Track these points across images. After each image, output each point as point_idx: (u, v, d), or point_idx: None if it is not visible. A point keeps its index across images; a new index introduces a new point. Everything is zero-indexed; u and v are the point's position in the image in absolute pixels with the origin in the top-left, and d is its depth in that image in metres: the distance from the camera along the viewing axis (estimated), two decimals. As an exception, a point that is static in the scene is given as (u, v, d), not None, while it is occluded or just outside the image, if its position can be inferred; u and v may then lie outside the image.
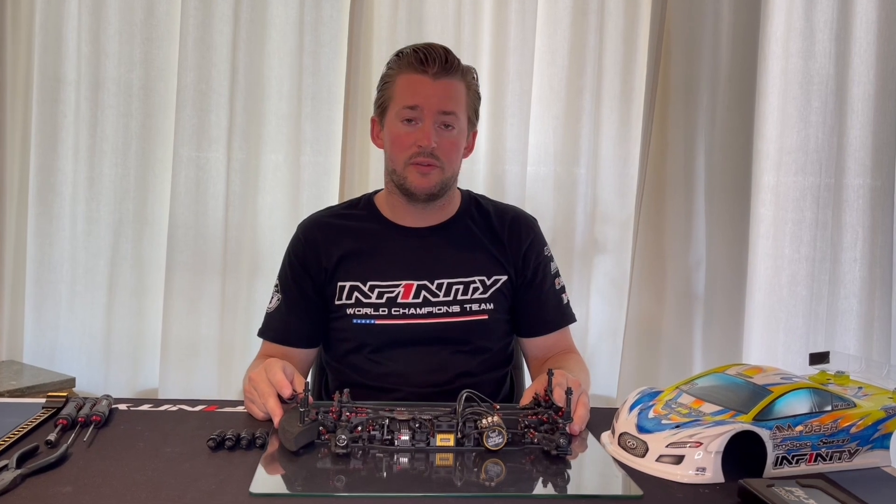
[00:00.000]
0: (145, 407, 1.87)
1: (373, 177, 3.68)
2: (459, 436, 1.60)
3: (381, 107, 2.23)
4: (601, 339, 3.94)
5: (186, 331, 3.72)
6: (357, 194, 2.60)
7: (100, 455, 1.51)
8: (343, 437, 1.52)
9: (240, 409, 1.87)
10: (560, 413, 1.66)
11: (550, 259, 2.37)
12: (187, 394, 3.63)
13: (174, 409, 1.86)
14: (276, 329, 2.29)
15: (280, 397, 1.75)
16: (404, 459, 1.54)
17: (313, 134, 3.73)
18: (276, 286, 2.33)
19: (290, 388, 1.76)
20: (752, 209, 3.75)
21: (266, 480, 1.41)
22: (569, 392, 1.64)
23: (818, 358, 1.86)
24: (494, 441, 1.57)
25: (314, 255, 2.27)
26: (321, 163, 3.75)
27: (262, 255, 3.73)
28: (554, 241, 3.70)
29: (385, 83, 2.22)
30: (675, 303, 3.83)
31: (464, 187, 2.41)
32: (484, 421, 1.60)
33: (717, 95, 3.75)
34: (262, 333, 2.32)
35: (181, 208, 3.66)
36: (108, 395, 1.83)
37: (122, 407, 1.85)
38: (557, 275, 2.38)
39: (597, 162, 3.85)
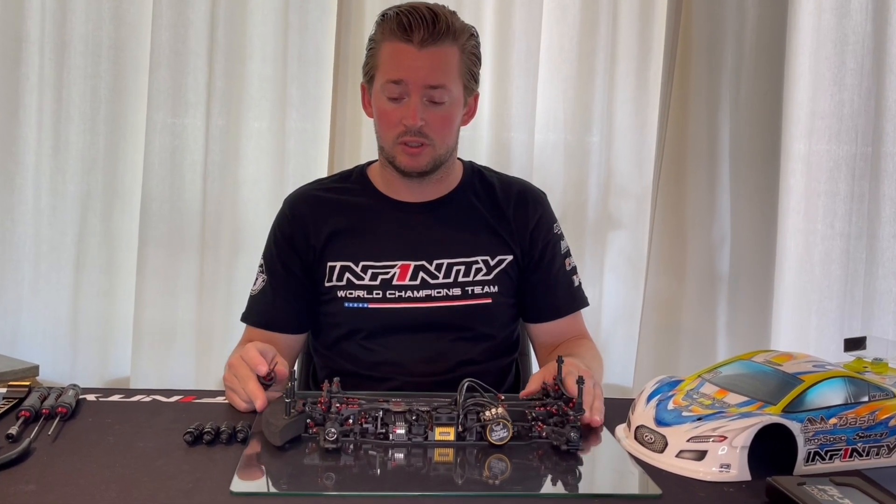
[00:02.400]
0: (116, 397, 1.87)
1: (365, 145, 3.66)
2: (460, 429, 1.59)
3: (369, 74, 2.21)
4: (616, 323, 3.94)
5: (161, 314, 3.70)
6: (348, 164, 2.60)
7: (66, 450, 1.51)
8: (333, 430, 1.52)
9: (219, 399, 1.87)
10: (571, 404, 1.65)
11: (561, 237, 2.36)
12: (162, 383, 3.63)
13: (147, 399, 1.86)
14: (261, 313, 2.29)
15: (264, 385, 1.76)
16: (400, 455, 1.54)
17: (300, 98, 3.71)
18: (261, 266, 2.33)
19: (266, 364, 1.78)
20: (782, 180, 3.74)
21: (248, 478, 1.41)
22: (580, 381, 1.64)
23: (854, 344, 1.86)
24: (499, 435, 1.57)
25: (302, 232, 2.26)
26: (309, 130, 3.74)
27: (244, 231, 3.72)
28: (564, 215, 3.69)
29: (371, 48, 2.20)
30: (696, 283, 3.83)
31: (466, 158, 2.40)
32: (487, 413, 1.60)
33: (742, 56, 3.73)
34: (245, 318, 2.32)
35: (155, 179, 3.65)
36: (74, 385, 1.83)
37: (91, 397, 1.85)
38: (568, 254, 2.37)
39: (611, 129, 3.84)
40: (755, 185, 3.74)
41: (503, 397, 1.70)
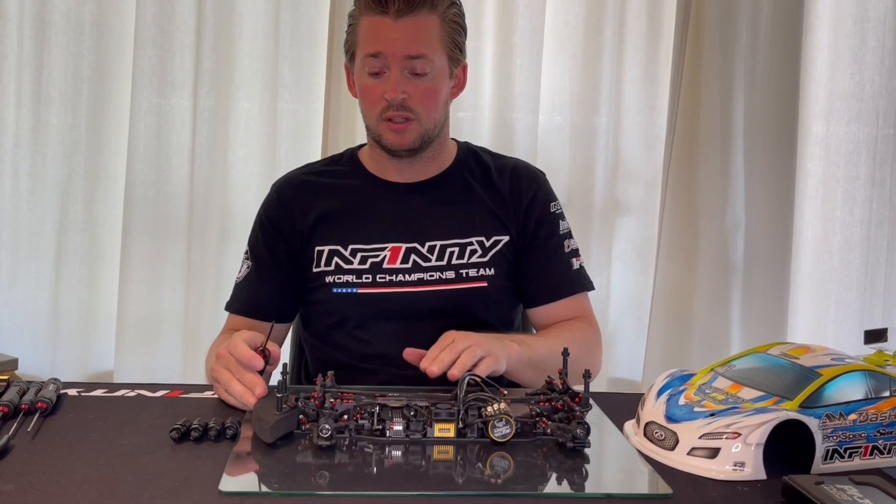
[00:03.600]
0: (98, 392, 1.87)
1: (361, 127, 3.55)
2: (461, 425, 1.59)
3: (350, 52, 2.22)
4: (624, 314, 3.94)
5: (146, 304, 3.70)
6: (343, 147, 2.59)
7: (46, 448, 1.51)
8: (327, 426, 1.52)
9: (208, 394, 1.88)
10: (577, 399, 1.65)
11: (560, 217, 2.36)
12: (147, 377, 3.62)
13: (132, 394, 1.87)
14: (244, 300, 2.31)
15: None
16: (397, 452, 1.54)
17: (292, 78, 3.71)
18: (246, 253, 2.34)
19: (262, 360, 1.76)
20: (799, 164, 3.74)
21: (238, 477, 1.41)
22: (587, 375, 1.64)
23: (875, 336, 1.85)
24: (501, 431, 1.57)
25: (288, 217, 2.28)
26: (301, 111, 3.73)
27: (234, 218, 3.71)
28: (570, 200, 3.69)
29: (350, 25, 2.21)
30: (709, 272, 3.82)
31: (465, 139, 2.41)
32: (489, 408, 1.60)
33: (758, 32, 3.72)
34: (228, 306, 2.33)
35: (140, 163, 3.64)
36: (55, 379, 1.83)
37: (72, 392, 1.85)
38: (569, 235, 2.36)
39: (619, 109, 3.84)
40: (771, 168, 3.73)
41: (506, 392, 1.70)
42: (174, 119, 3.66)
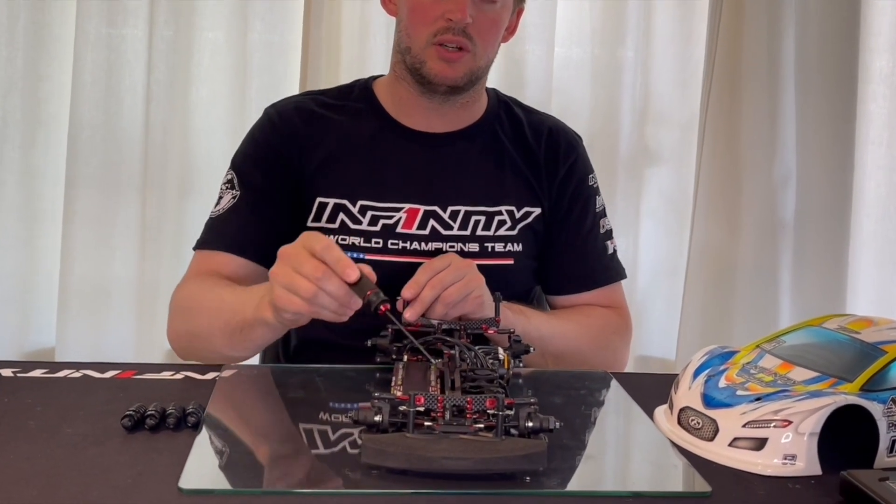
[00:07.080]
0: (38, 372, 1.86)
1: (345, 61, 3.63)
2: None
3: None
4: (655, 281, 3.94)
5: (94, 269, 3.69)
6: (324, 84, 2.57)
7: (-24, 438, 1.51)
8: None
9: (165, 375, 1.87)
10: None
11: (596, 192, 2.35)
12: (94, 355, 3.63)
13: (77, 375, 1.86)
14: (228, 235, 2.16)
15: None
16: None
17: (265, 3, 3.68)
18: (229, 182, 2.22)
19: (357, 272, 1.65)
20: (860, 106, 3.73)
21: (201, 471, 1.40)
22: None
23: (949, 307, 1.85)
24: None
25: (294, 150, 2.20)
26: (276, 42, 3.71)
27: (196, 167, 3.70)
28: (591, 148, 3.65)
29: None
30: (754, 232, 3.81)
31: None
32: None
33: (812, -50, 3.71)
34: (204, 243, 2.20)
35: (86, 104, 3.62)
36: (-13, 357, 1.84)
37: (7, 373, 1.85)
38: (604, 213, 2.36)
39: (649, 41, 3.82)
40: (826, 111, 3.72)
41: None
42: (126, 52, 3.63)
